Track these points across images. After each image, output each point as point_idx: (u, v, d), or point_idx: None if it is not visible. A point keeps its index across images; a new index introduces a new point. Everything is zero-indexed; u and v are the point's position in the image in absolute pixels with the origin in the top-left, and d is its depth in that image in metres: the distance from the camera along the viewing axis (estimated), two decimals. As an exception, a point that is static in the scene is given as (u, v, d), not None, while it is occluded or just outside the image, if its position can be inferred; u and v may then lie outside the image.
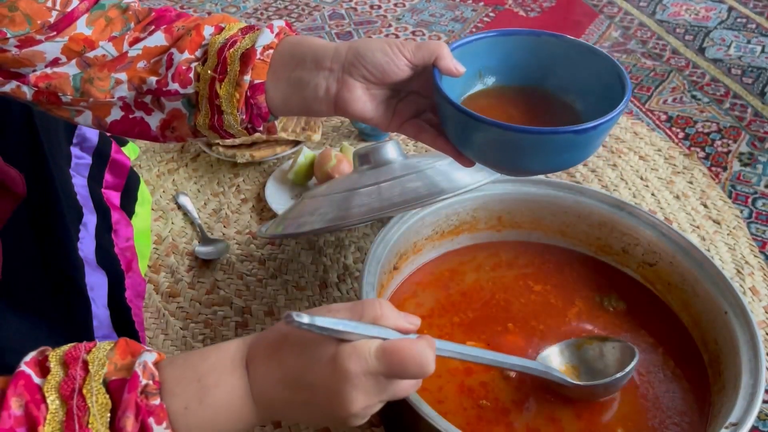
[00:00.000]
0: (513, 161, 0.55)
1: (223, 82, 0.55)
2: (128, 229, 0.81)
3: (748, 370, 0.59)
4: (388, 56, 0.53)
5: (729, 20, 1.52)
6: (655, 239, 0.73)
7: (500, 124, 0.51)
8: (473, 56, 0.59)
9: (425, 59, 0.54)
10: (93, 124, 0.60)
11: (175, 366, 0.43)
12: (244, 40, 0.56)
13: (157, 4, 1.56)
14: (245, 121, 0.57)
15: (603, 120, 0.52)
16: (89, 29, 0.58)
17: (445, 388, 0.64)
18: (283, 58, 0.56)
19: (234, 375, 0.43)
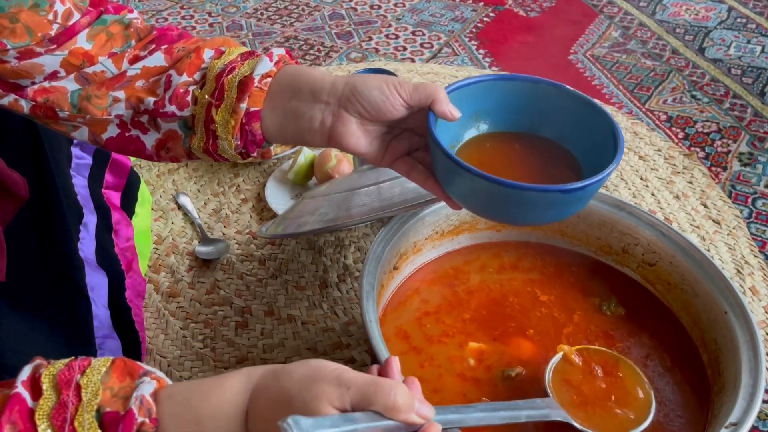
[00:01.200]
0: (500, 213, 0.56)
1: (219, 108, 0.55)
2: (128, 229, 0.82)
3: (747, 370, 0.59)
4: (384, 95, 0.53)
5: (729, 20, 1.52)
6: (654, 239, 0.73)
7: (489, 177, 0.51)
8: (470, 99, 0.60)
9: (421, 101, 0.54)
10: (89, 140, 0.60)
11: (174, 403, 0.41)
12: (243, 66, 0.56)
13: (157, 5, 1.57)
14: (239, 147, 0.57)
15: (591, 181, 0.52)
16: (89, 44, 0.58)
17: (445, 387, 0.64)
18: (281, 87, 0.56)
19: (234, 425, 0.41)
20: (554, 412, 0.56)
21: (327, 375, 0.41)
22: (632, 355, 0.68)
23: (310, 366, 0.42)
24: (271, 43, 1.42)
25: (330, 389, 0.40)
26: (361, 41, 1.45)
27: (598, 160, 0.56)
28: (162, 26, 0.63)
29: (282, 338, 0.78)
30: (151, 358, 0.76)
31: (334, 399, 0.40)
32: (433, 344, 0.68)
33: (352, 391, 0.40)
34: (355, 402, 0.40)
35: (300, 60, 1.37)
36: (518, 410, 0.52)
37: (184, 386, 0.43)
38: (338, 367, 0.42)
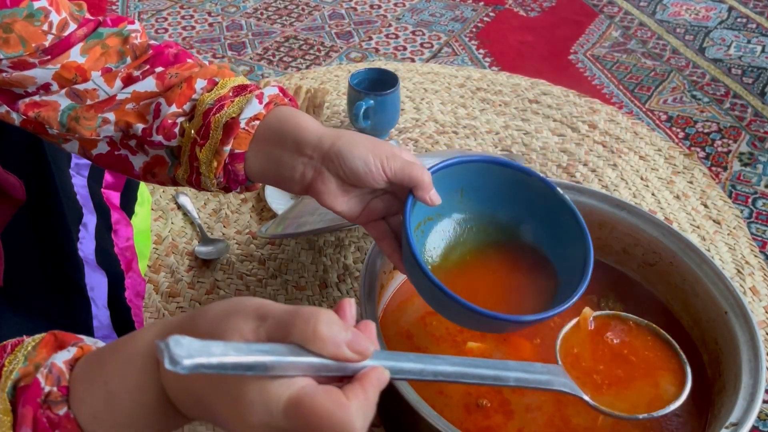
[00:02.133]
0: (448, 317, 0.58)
1: (203, 147, 0.55)
2: (128, 229, 0.81)
3: (748, 370, 0.59)
4: (368, 168, 0.52)
5: (729, 20, 1.52)
6: (655, 239, 0.73)
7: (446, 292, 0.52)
8: (454, 177, 0.60)
9: (404, 182, 0.53)
10: (79, 153, 0.60)
11: (86, 364, 0.37)
12: (232, 105, 0.55)
13: (157, 4, 1.56)
14: (222, 183, 0.57)
15: (542, 315, 0.53)
16: (83, 57, 0.57)
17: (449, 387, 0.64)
18: (267, 133, 0.55)
19: (144, 378, 0.36)
20: (557, 380, 0.46)
21: (244, 309, 0.35)
22: (632, 355, 0.68)
23: (229, 302, 0.36)
24: (271, 43, 1.42)
25: (243, 322, 0.34)
26: (361, 41, 1.45)
27: (572, 274, 0.57)
28: (160, 43, 0.61)
29: (282, 338, 0.78)
30: (151, 358, 0.76)
31: (247, 332, 0.33)
32: (436, 344, 0.68)
33: (269, 323, 0.34)
34: (272, 334, 0.33)
35: (300, 60, 1.37)
36: (506, 371, 0.41)
37: (102, 347, 0.38)
38: (262, 300, 0.35)
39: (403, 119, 1.16)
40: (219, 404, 0.34)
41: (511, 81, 1.27)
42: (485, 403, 0.63)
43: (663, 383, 0.55)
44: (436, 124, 1.15)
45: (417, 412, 0.53)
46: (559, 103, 1.21)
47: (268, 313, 0.34)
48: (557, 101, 1.21)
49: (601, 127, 1.15)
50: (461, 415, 0.62)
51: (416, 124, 1.15)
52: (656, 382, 0.54)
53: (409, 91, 1.24)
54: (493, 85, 1.26)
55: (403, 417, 0.61)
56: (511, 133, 1.13)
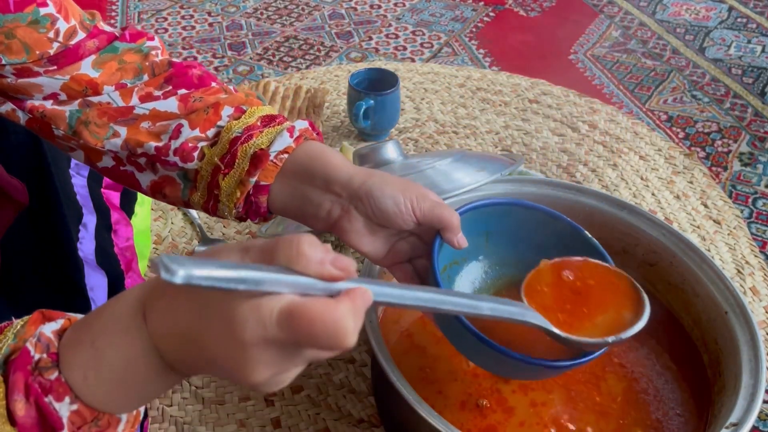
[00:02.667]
0: (484, 365, 0.57)
1: (227, 176, 0.53)
2: (128, 229, 0.81)
3: (748, 370, 0.59)
4: (398, 208, 0.52)
5: (729, 20, 1.52)
6: (655, 239, 0.73)
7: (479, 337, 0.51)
8: (482, 219, 0.60)
9: (433, 224, 0.53)
10: (85, 163, 0.59)
11: (73, 330, 0.38)
12: (261, 135, 0.54)
13: (157, 4, 1.56)
14: (240, 213, 0.56)
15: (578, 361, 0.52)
16: (96, 71, 0.55)
17: (448, 387, 0.64)
18: (296, 168, 0.54)
19: (129, 333, 0.36)
20: (528, 313, 0.49)
21: (227, 246, 0.35)
22: (633, 355, 0.68)
23: (215, 246, 0.37)
24: (271, 43, 1.42)
25: (227, 255, 0.34)
26: (361, 41, 1.45)
27: None
28: (182, 62, 0.59)
29: (282, 338, 0.78)
30: (151, 358, 0.76)
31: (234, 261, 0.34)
32: (435, 344, 0.68)
33: (253, 251, 0.34)
34: (256, 260, 0.34)
35: (300, 60, 1.37)
36: (480, 301, 0.43)
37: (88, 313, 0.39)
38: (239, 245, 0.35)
39: (403, 119, 1.16)
40: (210, 333, 0.34)
41: (511, 81, 1.27)
42: (485, 403, 0.63)
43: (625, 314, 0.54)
44: (436, 123, 1.15)
45: (417, 412, 0.53)
46: (559, 103, 1.21)
47: (251, 245, 0.35)
48: (557, 101, 1.21)
49: (601, 127, 1.15)
50: (461, 415, 0.62)
51: (416, 124, 1.15)
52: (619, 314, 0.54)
53: (409, 91, 1.23)
54: (493, 85, 1.26)
55: (403, 417, 0.60)
56: (511, 133, 1.13)
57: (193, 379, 0.73)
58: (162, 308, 0.36)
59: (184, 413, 0.70)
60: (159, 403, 0.71)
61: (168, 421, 0.69)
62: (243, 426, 0.69)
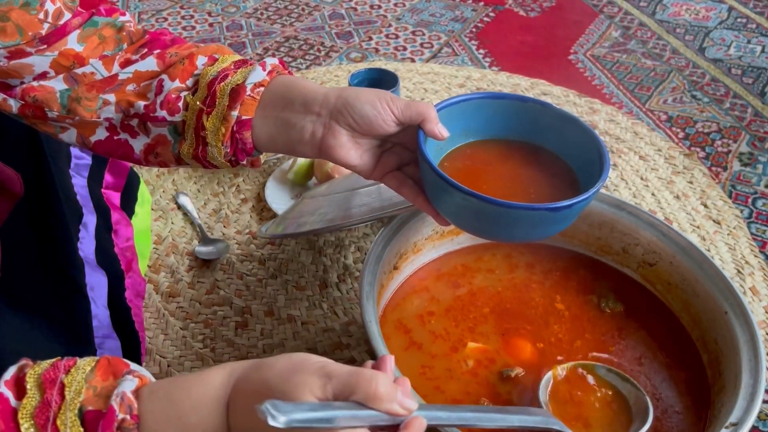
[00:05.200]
0: (488, 230, 0.58)
1: (210, 115, 0.55)
2: (128, 229, 0.82)
3: (748, 370, 0.59)
4: (376, 110, 0.54)
5: (729, 20, 1.52)
6: (655, 239, 0.73)
7: (477, 195, 0.53)
8: (459, 116, 0.61)
9: (412, 119, 0.55)
10: (77, 143, 0.60)
11: (156, 399, 0.41)
12: (236, 74, 0.56)
13: (157, 4, 1.56)
14: (229, 154, 0.57)
15: (578, 199, 0.54)
16: (80, 45, 0.57)
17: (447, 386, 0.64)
18: (273, 98, 0.56)
19: (216, 417, 0.41)
20: (550, 421, 0.54)
21: (310, 366, 0.41)
22: (632, 355, 0.68)
23: (293, 358, 0.42)
24: (271, 43, 1.42)
25: (312, 379, 0.40)
26: (361, 41, 1.45)
27: (591, 174, 0.58)
28: (154, 30, 0.62)
29: (282, 338, 0.78)
30: (151, 359, 0.76)
31: (316, 389, 0.40)
32: (435, 344, 0.68)
33: (334, 382, 0.40)
34: (337, 392, 0.40)
35: (300, 60, 1.37)
36: (510, 414, 0.51)
37: (166, 382, 0.43)
38: (323, 360, 0.42)
39: (403, 119, 1.16)
40: None
41: (511, 81, 1.27)
42: (485, 403, 0.63)
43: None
44: (436, 124, 1.15)
45: (417, 412, 0.53)
46: (559, 103, 1.21)
47: (332, 373, 0.40)
48: (557, 101, 1.21)
49: (601, 127, 1.15)
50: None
51: (416, 124, 1.15)
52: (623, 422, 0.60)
53: (409, 91, 1.24)
54: (493, 85, 1.26)
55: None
56: (511, 133, 1.13)
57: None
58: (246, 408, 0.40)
59: (184, 413, 0.70)
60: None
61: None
62: (243, 426, 0.69)
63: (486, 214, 0.54)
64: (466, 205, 0.54)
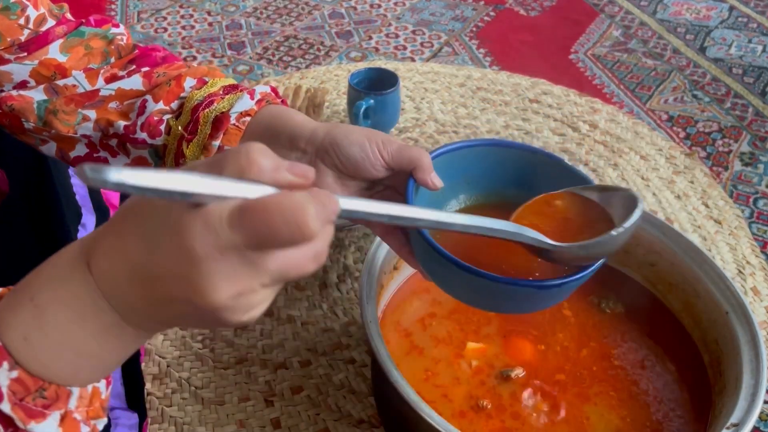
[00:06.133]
0: (469, 299, 0.53)
1: (191, 143, 0.53)
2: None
3: (749, 371, 0.59)
4: (365, 153, 0.50)
5: (730, 19, 1.52)
6: (655, 239, 0.73)
7: (459, 264, 0.47)
8: (458, 164, 0.56)
9: (403, 166, 0.50)
10: (57, 156, 0.58)
11: (12, 291, 0.35)
12: (223, 101, 0.53)
13: (157, 4, 1.56)
14: None
15: (569, 279, 0.48)
16: (64, 56, 0.55)
17: (448, 388, 0.64)
18: (259, 129, 0.53)
19: (73, 281, 0.32)
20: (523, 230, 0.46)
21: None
22: (632, 355, 0.68)
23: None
24: (271, 42, 1.42)
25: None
26: (361, 40, 1.44)
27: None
28: (147, 46, 0.60)
29: (282, 339, 0.78)
30: (150, 359, 0.76)
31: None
32: (436, 345, 0.68)
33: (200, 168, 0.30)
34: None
35: (300, 59, 1.37)
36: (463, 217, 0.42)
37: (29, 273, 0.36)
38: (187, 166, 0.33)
39: (403, 119, 1.16)
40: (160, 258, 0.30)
41: (512, 80, 1.27)
42: (486, 404, 0.63)
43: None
44: (436, 123, 1.15)
45: (417, 413, 0.53)
46: (559, 102, 1.20)
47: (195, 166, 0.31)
48: (558, 101, 1.21)
49: (601, 126, 1.14)
50: (461, 415, 0.62)
51: (416, 124, 1.15)
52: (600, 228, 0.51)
53: (410, 91, 1.23)
54: (494, 84, 1.26)
55: (403, 417, 0.60)
56: (512, 132, 1.13)
57: (192, 380, 0.73)
58: (107, 248, 0.32)
59: (184, 414, 0.70)
60: (159, 403, 0.71)
61: (168, 422, 0.69)
62: (243, 426, 0.69)
63: (464, 283, 0.49)
64: (446, 270, 0.49)
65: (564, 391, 0.64)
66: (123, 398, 0.66)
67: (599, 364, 0.67)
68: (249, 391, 0.72)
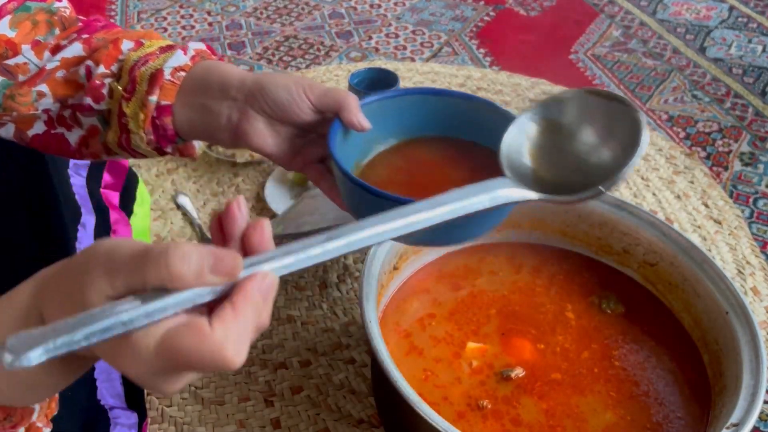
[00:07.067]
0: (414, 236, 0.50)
1: (129, 101, 0.54)
2: (127, 228, 0.81)
3: (749, 371, 0.58)
4: (291, 95, 0.51)
5: (730, 20, 1.52)
6: (655, 239, 0.73)
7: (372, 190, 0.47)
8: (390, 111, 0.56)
9: (329, 107, 0.52)
10: (15, 138, 0.58)
11: None
12: (158, 59, 0.54)
13: (157, 4, 1.56)
14: (153, 142, 0.55)
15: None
16: (13, 31, 0.56)
17: (448, 389, 0.64)
18: (194, 83, 0.54)
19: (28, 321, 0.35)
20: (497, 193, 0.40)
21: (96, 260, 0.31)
22: (633, 355, 0.68)
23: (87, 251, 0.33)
24: (271, 42, 1.42)
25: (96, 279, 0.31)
26: (361, 40, 1.44)
27: None
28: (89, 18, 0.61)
29: (281, 339, 0.78)
30: (150, 359, 0.76)
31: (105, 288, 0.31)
32: (436, 345, 0.68)
33: (121, 277, 0.30)
34: (130, 285, 0.30)
35: (300, 59, 1.37)
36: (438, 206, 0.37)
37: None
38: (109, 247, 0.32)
39: (403, 119, 1.16)
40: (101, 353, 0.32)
41: (512, 80, 1.27)
42: (486, 404, 0.63)
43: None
44: (436, 123, 1.15)
45: (417, 413, 0.53)
46: (559, 102, 1.20)
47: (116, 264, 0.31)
48: (558, 101, 1.21)
49: (601, 126, 1.14)
50: (461, 415, 0.62)
51: (416, 124, 1.15)
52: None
53: (410, 91, 1.23)
54: (494, 84, 1.26)
55: (403, 417, 0.60)
56: (512, 132, 1.13)
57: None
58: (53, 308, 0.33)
59: (184, 413, 0.70)
60: (159, 403, 0.71)
61: (168, 422, 0.69)
62: (242, 426, 0.69)
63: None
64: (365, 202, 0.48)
65: (564, 391, 0.64)
66: (123, 398, 0.66)
67: (600, 364, 0.67)
68: (249, 391, 0.72)
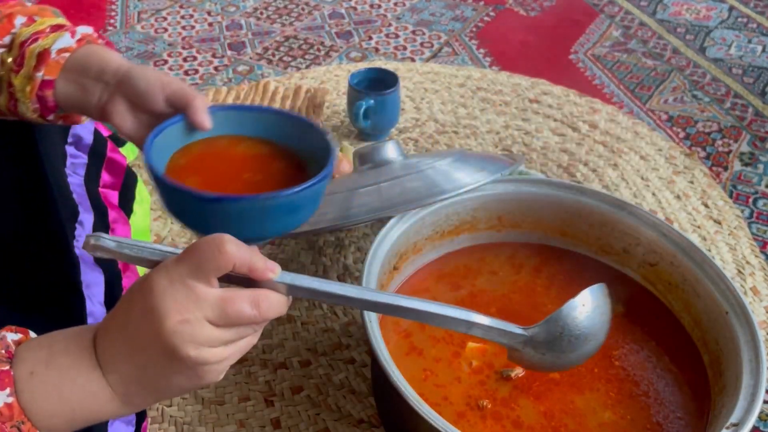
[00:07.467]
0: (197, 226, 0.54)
1: (18, 74, 0.60)
2: (126, 228, 0.81)
3: (749, 371, 0.59)
4: (149, 87, 0.57)
5: (730, 20, 1.52)
6: (655, 239, 0.73)
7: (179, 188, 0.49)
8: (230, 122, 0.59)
9: (179, 104, 0.57)
10: None
11: (34, 339, 0.43)
12: (47, 38, 0.60)
13: (157, 4, 1.56)
14: (38, 110, 0.61)
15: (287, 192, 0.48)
16: None
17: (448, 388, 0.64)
18: (76, 63, 0.60)
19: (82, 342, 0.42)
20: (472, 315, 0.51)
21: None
22: (633, 355, 0.68)
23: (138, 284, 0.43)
24: (271, 42, 1.42)
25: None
26: (361, 40, 1.44)
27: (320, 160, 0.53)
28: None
29: (282, 338, 0.78)
30: (150, 359, 0.76)
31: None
32: (436, 345, 0.68)
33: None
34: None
35: (300, 59, 1.37)
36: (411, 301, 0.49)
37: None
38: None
39: (403, 119, 1.16)
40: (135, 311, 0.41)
41: (512, 81, 1.27)
42: (486, 404, 0.62)
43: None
44: (436, 123, 1.15)
45: (417, 413, 0.53)
46: (559, 102, 1.21)
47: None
48: (558, 101, 1.21)
49: (601, 126, 1.14)
50: (461, 415, 0.62)
51: (416, 124, 1.15)
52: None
53: (410, 91, 1.23)
54: (494, 84, 1.26)
55: (403, 417, 0.60)
56: (512, 132, 1.13)
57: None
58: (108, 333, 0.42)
59: (184, 413, 0.70)
60: (159, 403, 0.71)
61: (168, 422, 0.69)
62: (243, 426, 0.69)
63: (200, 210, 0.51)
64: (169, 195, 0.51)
65: (563, 390, 0.64)
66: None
67: (599, 364, 0.67)
68: (249, 391, 0.72)
